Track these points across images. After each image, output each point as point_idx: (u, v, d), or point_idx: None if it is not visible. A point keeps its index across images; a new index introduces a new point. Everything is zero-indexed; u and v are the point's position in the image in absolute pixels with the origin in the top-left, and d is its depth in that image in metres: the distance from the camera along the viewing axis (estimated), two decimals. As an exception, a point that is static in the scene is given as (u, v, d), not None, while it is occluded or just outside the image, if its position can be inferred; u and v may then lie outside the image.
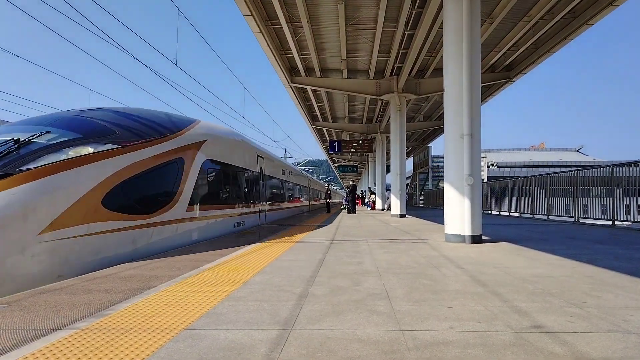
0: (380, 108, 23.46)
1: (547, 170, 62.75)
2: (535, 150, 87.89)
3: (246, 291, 3.82)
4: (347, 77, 17.58)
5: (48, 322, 2.98)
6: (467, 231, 7.33)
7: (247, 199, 11.81)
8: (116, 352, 2.35)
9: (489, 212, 19.94)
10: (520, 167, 75.61)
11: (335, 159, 50.32)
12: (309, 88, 18.63)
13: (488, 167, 74.18)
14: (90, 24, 8.86)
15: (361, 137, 28.91)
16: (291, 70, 17.38)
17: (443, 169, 8.19)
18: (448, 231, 7.71)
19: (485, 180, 36.99)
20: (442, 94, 8.14)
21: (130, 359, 2.25)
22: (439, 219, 14.59)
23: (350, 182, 24.54)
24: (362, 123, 27.87)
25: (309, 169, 78.52)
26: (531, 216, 15.72)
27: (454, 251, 6.43)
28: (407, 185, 48.03)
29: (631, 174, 10.32)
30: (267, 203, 14.38)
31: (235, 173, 10.82)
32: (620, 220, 10.67)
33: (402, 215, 17.49)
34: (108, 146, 6.36)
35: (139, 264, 5.54)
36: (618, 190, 10.71)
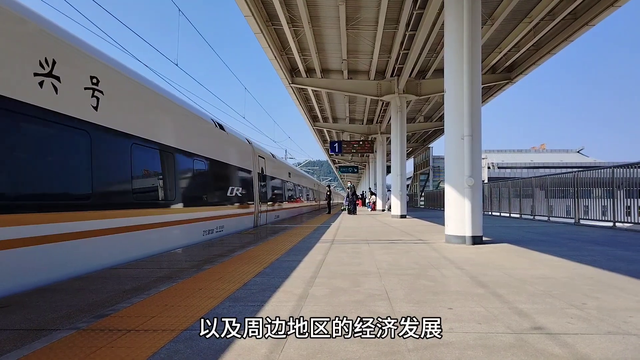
0: (380, 109, 23.46)
1: (547, 171, 62.72)
2: (536, 151, 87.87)
3: (246, 292, 3.82)
4: (348, 78, 17.58)
5: (48, 322, 2.98)
6: (468, 232, 7.33)
7: None
8: (117, 352, 2.35)
9: (490, 213, 19.92)
10: (521, 168, 75.57)
11: (336, 160, 50.27)
12: (309, 89, 18.63)
13: (489, 168, 74.13)
14: (90, 23, 8.88)
15: (362, 138, 28.90)
16: (292, 71, 17.39)
17: (444, 169, 8.19)
18: (448, 232, 7.71)
19: (486, 181, 36.91)
20: (443, 95, 8.15)
21: (130, 359, 2.26)
22: (440, 220, 14.58)
23: (348, 184, 23.51)
24: (362, 124, 27.87)
25: (309, 169, 78.38)
26: (532, 217, 15.71)
27: (455, 252, 6.43)
28: (407, 186, 48.01)
29: (632, 176, 10.30)
30: None
31: None
32: (620, 222, 10.66)
33: (402, 216, 17.48)
34: None
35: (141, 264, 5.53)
36: (619, 191, 10.70)
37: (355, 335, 2.57)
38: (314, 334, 2.55)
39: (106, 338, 2.59)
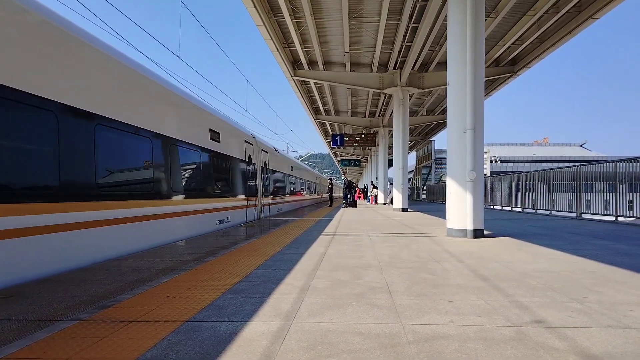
0: (383, 102, 23.38)
1: (550, 165, 62.59)
2: (538, 145, 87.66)
3: (247, 284, 3.84)
4: (350, 71, 17.51)
5: (51, 313, 3.00)
6: (469, 226, 7.33)
7: None
8: (119, 343, 2.37)
9: (491, 206, 19.91)
10: (523, 162, 75.49)
11: (338, 153, 50.26)
12: (312, 81, 18.57)
13: (491, 161, 73.99)
14: (92, 14, 8.85)
15: (364, 131, 28.85)
16: (294, 63, 17.32)
17: (446, 163, 8.18)
18: (450, 226, 7.71)
19: (488, 175, 36.79)
20: (446, 88, 8.10)
21: (132, 350, 2.27)
22: (441, 213, 14.58)
23: (342, 177, 23.53)
24: (365, 117, 27.81)
25: (311, 162, 78.30)
26: (533, 211, 15.70)
27: (456, 246, 6.43)
28: (409, 179, 47.95)
29: (634, 170, 10.27)
30: None
31: None
32: (622, 216, 10.64)
33: (404, 210, 17.50)
34: None
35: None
36: (621, 185, 10.67)
37: (356, 327, 2.58)
38: (315, 325, 2.56)
39: (108, 329, 2.61)
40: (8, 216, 4.07)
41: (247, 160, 12.85)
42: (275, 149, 18.14)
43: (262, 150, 15.23)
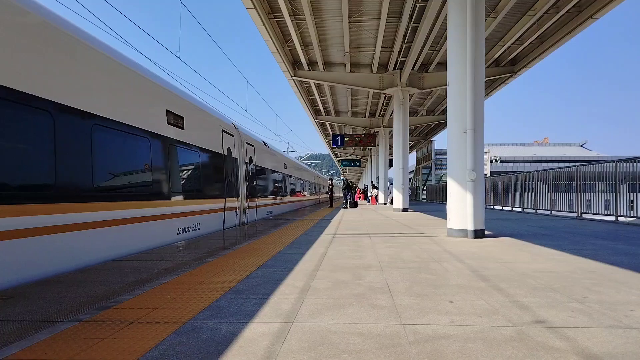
0: (383, 102, 23.39)
1: (550, 165, 62.60)
2: (538, 145, 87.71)
3: (248, 284, 3.84)
4: (351, 71, 17.52)
5: (51, 313, 3.00)
6: (470, 226, 7.33)
7: None
8: (120, 344, 2.37)
9: (492, 207, 19.90)
10: (524, 162, 75.54)
11: (338, 153, 50.29)
12: (312, 82, 18.58)
13: (491, 161, 74.04)
14: (92, 15, 8.86)
15: (364, 131, 28.88)
16: (294, 64, 17.33)
17: (446, 163, 8.18)
18: (450, 226, 7.71)
19: (488, 175, 36.81)
20: (446, 88, 8.11)
21: (133, 351, 2.27)
22: (442, 213, 14.58)
23: (341, 178, 23.49)
24: (365, 117, 27.83)
25: (311, 162, 78.29)
26: (534, 211, 15.69)
27: (456, 246, 6.43)
28: (410, 179, 47.91)
29: (635, 170, 10.27)
30: None
31: None
32: (623, 216, 10.64)
33: (404, 210, 17.50)
34: None
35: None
36: (621, 185, 10.67)
37: (357, 327, 2.58)
38: (315, 326, 2.56)
39: (109, 329, 2.61)
40: None
41: (225, 154, 10.54)
42: (265, 143, 15.74)
43: (247, 143, 12.85)
